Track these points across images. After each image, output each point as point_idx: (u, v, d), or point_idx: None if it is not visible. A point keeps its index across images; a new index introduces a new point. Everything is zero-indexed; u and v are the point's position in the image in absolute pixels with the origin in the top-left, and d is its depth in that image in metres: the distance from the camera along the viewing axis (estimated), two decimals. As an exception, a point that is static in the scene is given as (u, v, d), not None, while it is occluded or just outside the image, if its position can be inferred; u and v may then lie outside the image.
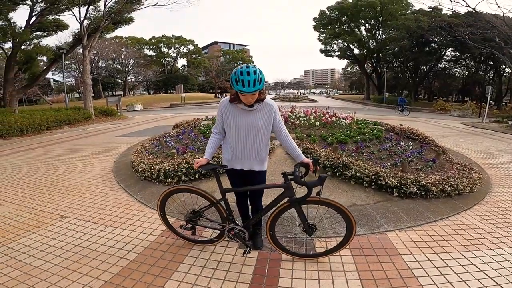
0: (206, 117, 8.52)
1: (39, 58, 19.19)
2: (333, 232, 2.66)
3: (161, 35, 50.84)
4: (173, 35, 51.71)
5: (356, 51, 35.82)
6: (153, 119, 14.65)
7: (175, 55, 53.13)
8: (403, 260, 2.28)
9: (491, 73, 27.93)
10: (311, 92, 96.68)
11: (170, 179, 3.72)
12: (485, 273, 2.14)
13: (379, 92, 34.17)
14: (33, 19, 14.79)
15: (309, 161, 2.05)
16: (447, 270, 2.18)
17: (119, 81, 44.15)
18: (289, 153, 2.17)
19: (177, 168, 3.73)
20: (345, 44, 34.91)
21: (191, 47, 53.48)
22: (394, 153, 4.58)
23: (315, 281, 2.03)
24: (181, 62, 56.81)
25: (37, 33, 16.49)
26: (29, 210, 3.39)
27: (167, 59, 52.56)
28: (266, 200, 2.41)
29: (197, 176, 3.77)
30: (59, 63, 17.01)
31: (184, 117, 10.84)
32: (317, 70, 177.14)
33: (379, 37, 33.06)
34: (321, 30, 35.53)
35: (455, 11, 17.77)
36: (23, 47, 15.85)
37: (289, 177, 1.99)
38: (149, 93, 50.24)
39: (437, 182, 3.31)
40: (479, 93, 26.10)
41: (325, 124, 6.36)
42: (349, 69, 56.79)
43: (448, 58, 30.24)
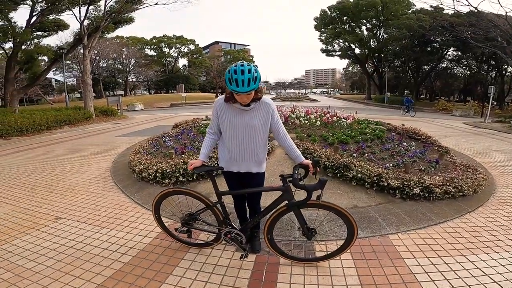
0: (206, 116, 8.47)
1: (40, 58, 19.23)
2: (333, 235, 2.58)
3: (162, 35, 50.84)
4: (174, 35, 51.69)
5: (357, 51, 35.72)
6: (153, 119, 14.61)
7: (176, 55, 53.14)
8: (406, 264, 2.21)
9: (493, 73, 27.76)
10: (312, 92, 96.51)
11: (167, 180, 3.66)
12: (490, 277, 2.07)
13: (381, 92, 34.03)
14: (34, 19, 14.80)
15: (308, 162, 1.96)
16: (451, 274, 2.10)
17: (120, 81, 44.19)
18: (288, 154, 2.08)
19: (174, 168, 3.66)
20: (346, 43, 34.80)
21: (192, 47, 53.46)
22: (396, 153, 4.50)
23: (314, 287, 1.97)
24: (182, 62, 56.91)
25: (38, 33, 16.51)
26: (24, 211, 3.34)
27: (168, 59, 52.56)
28: (265, 201, 2.34)
29: (195, 177, 3.70)
30: (60, 63, 17.02)
31: (184, 117, 10.79)
32: (318, 70, 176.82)
33: (380, 37, 32.92)
34: (322, 29, 35.42)
35: (457, 10, 17.65)
36: (23, 47, 15.88)
37: (287, 179, 1.91)
38: (150, 93, 50.27)
39: (441, 183, 3.23)
40: (481, 93, 25.96)
41: (326, 124, 6.29)
42: (350, 68, 56.71)
43: (450, 57, 30.13)
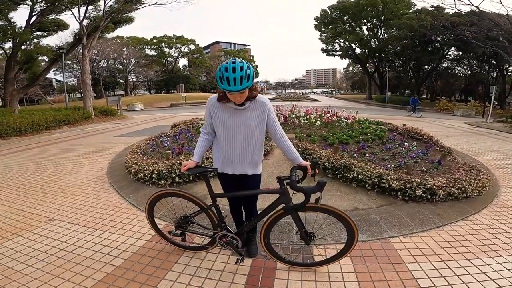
0: (205, 116, 8.38)
1: (40, 58, 19.20)
2: (333, 239, 2.50)
3: (163, 35, 50.76)
4: (174, 35, 51.61)
5: (357, 51, 35.59)
6: (153, 119, 14.55)
7: (176, 55, 53.04)
8: (408, 269, 2.13)
9: (494, 73, 27.60)
10: (313, 91, 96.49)
11: (163, 181, 3.58)
12: (495, 282, 2.00)
13: (381, 91, 33.91)
14: (33, 19, 14.75)
15: (307, 163, 1.88)
16: (455, 279, 2.03)
17: (121, 81, 44.12)
18: (285, 155, 1.98)
19: (171, 169, 3.59)
20: (347, 43, 34.68)
21: (192, 47, 53.37)
22: (397, 154, 4.42)
23: (313, 293, 1.89)
24: (182, 62, 56.77)
25: (38, 33, 16.46)
26: (18, 212, 3.29)
27: (168, 59, 52.47)
28: (263, 204, 2.26)
29: (191, 178, 3.63)
30: (60, 63, 16.97)
31: (183, 117, 10.73)
32: (318, 69, 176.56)
33: (381, 37, 32.80)
34: (323, 29, 35.31)
35: (458, 9, 17.57)
36: (23, 47, 15.84)
37: (284, 181, 1.83)
38: (150, 93, 50.22)
39: (444, 184, 3.15)
40: (482, 93, 25.83)
41: (326, 123, 6.21)
42: (351, 68, 56.61)
43: (451, 57, 29.97)
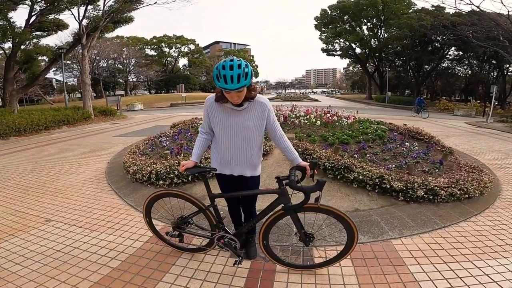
0: (204, 116, 8.34)
1: (40, 58, 19.15)
2: (333, 240, 2.46)
3: (163, 35, 50.69)
4: (174, 34, 51.54)
5: (358, 50, 35.52)
6: (153, 119, 14.52)
7: (176, 55, 52.96)
8: (409, 271, 2.09)
9: (494, 72, 27.55)
10: (313, 91, 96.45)
11: (162, 181, 3.54)
12: (498, 284, 1.96)
13: (381, 91, 33.85)
14: (33, 18, 14.71)
15: (306, 164, 1.84)
16: (458, 281, 1.99)
17: (121, 80, 44.06)
18: (285, 155, 1.95)
19: (169, 170, 3.55)
20: (347, 43, 34.63)
21: (192, 47, 53.30)
22: (398, 154, 4.38)
23: (313, 296, 1.85)
24: (182, 61, 56.68)
25: (37, 33, 16.42)
26: (15, 212, 3.25)
27: (168, 58, 52.40)
28: (262, 204, 2.22)
29: (190, 178, 3.58)
30: (59, 62, 16.93)
31: (183, 117, 10.68)
32: (318, 69, 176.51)
33: (381, 36, 32.73)
34: (323, 29, 35.24)
35: (458, 9, 17.54)
36: (22, 46, 15.79)
37: (283, 181, 1.79)
38: (150, 93, 50.16)
39: (446, 185, 3.11)
40: (483, 93, 25.79)
41: (326, 123, 6.16)
42: (351, 68, 56.50)
43: (451, 57, 29.89)
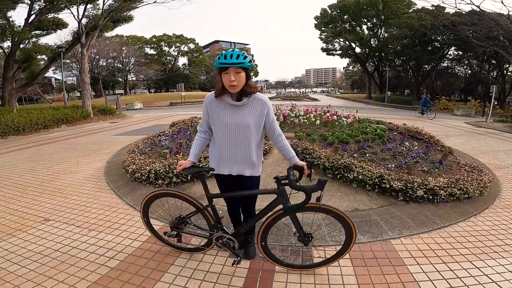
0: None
1: (39, 57, 19.10)
2: (332, 240, 2.45)
3: (162, 34, 50.57)
4: (174, 33, 51.44)
5: (357, 50, 35.50)
6: (152, 118, 14.50)
7: (176, 54, 52.86)
8: (409, 271, 2.09)
9: (494, 72, 27.56)
10: (312, 91, 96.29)
11: (161, 181, 3.53)
12: (497, 284, 1.96)
13: (381, 91, 33.85)
14: (32, 17, 14.67)
15: (303, 163, 1.83)
16: (457, 282, 1.98)
17: (120, 79, 43.98)
18: (282, 154, 1.94)
19: (168, 169, 3.54)
20: (347, 42, 34.60)
21: (192, 46, 53.21)
22: (398, 153, 4.37)
23: (312, 296, 1.84)
24: (182, 60, 56.56)
25: (36, 32, 16.37)
26: (13, 212, 3.24)
27: (168, 57, 52.31)
28: (261, 204, 2.21)
29: (189, 178, 3.57)
30: (59, 61, 16.89)
31: (182, 116, 10.68)
32: (318, 69, 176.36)
33: (381, 36, 32.70)
34: (323, 28, 35.19)
35: (459, 9, 17.50)
36: (22, 45, 15.73)
37: (282, 181, 1.78)
38: (150, 92, 50.05)
39: (446, 185, 3.10)
40: (482, 92, 25.79)
41: (326, 123, 6.15)
42: (351, 68, 56.54)
43: (451, 57, 29.91)
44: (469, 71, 29.84)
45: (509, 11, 14.67)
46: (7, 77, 14.71)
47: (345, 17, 33.13)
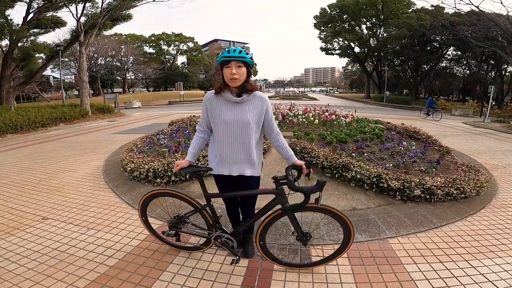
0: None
1: (37, 55, 19.00)
2: (331, 239, 2.47)
3: (161, 33, 50.45)
4: (173, 32, 51.33)
5: (356, 50, 35.57)
6: (151, 117, 14.46)
7: (175, 53, 52.77)
8: (406, 270, 2.10)
9: (492, 73, 27.70)
10: (311, 90, 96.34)
11: (159, 180, 3.53)
12: (493, 284, 1.98)
13: (380, 90, 33.92)
14: (30, 16, 14.58)
15: (301, 163, 1.83)
16: (453, 281, 2.00)
17: (118, 78, 43.84)
18: (280, 153, 1.94)
19: (166, 168, 3.54)
20: (346, 42, 34.64)
21: (191, 45, 53.10)
22: (396, 153, 4.39)
23: (310, 294, 1.85)
24: (181, 59, 56.45)
25: (35, 30, 16.28)
26: (11, 210, 3.23)
27: (167, 56, 52.18)
28: (260, 203, 2.22)
29: (188, 176, 3.57)
30: (57, 60, 16.81)
31: (181, 115, 10.67)
32: (317, 68, 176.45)
33: (380, 36, 32.78)
34: (322, 28, 35.22)
35: (458, 9, 17.51)
36: (20, 44, 15.64)
37: (281, 181, 1.78)
38: (148, 91, 49.95)
39: (443, 184, 3.12)
40: (480, 93, 25.93)
41: (325, 122, 6.17)
42: (350, 67, 56.54)
43: (449, 57, 30.07)
44: (468, 71, 29.98)
45: (508, 12, 14.74)
46: (5, 75, 14.63)
47: (345, 16, 33.17)
